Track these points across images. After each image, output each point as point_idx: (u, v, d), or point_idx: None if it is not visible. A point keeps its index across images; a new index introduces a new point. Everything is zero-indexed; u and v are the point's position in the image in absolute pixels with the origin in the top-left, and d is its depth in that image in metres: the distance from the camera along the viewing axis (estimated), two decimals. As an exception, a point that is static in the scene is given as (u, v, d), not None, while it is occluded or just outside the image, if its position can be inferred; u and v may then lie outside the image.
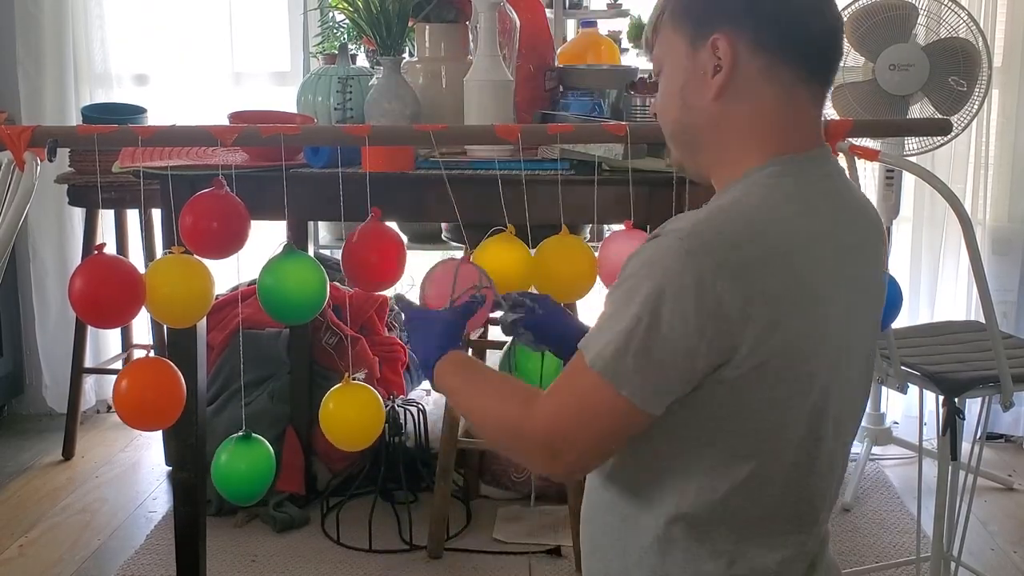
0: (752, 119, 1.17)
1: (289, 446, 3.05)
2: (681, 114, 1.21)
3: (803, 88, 1.17)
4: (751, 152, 1.17)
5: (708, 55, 1.16)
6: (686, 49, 1.19)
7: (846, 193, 1.22)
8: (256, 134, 1.79)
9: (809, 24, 1.17)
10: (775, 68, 1.16)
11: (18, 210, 1.84)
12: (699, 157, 1.23)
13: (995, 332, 2.14)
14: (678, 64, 1.20)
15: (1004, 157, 3.49)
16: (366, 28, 2.26)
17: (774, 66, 1.16)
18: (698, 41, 1.17)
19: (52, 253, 3.78)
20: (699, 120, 1.20)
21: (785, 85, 1.16)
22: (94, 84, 3.73)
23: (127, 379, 1.78)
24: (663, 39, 1.23)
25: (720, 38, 1.15)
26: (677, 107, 1.22)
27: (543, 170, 2.08)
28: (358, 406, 1.80)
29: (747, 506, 1.16)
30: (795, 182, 1.16)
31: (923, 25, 3.04)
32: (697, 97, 1.19)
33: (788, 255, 1.10)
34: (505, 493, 3.11)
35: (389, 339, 3.34)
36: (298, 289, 1.77)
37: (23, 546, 2.93)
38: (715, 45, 1.16)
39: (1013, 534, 2.98)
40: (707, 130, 1.20)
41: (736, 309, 1.07)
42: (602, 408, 1.11)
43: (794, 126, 1.18)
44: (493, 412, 1.23)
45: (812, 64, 1.17)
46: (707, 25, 1.17)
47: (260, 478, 1.82)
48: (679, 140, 1.25)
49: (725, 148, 1.19)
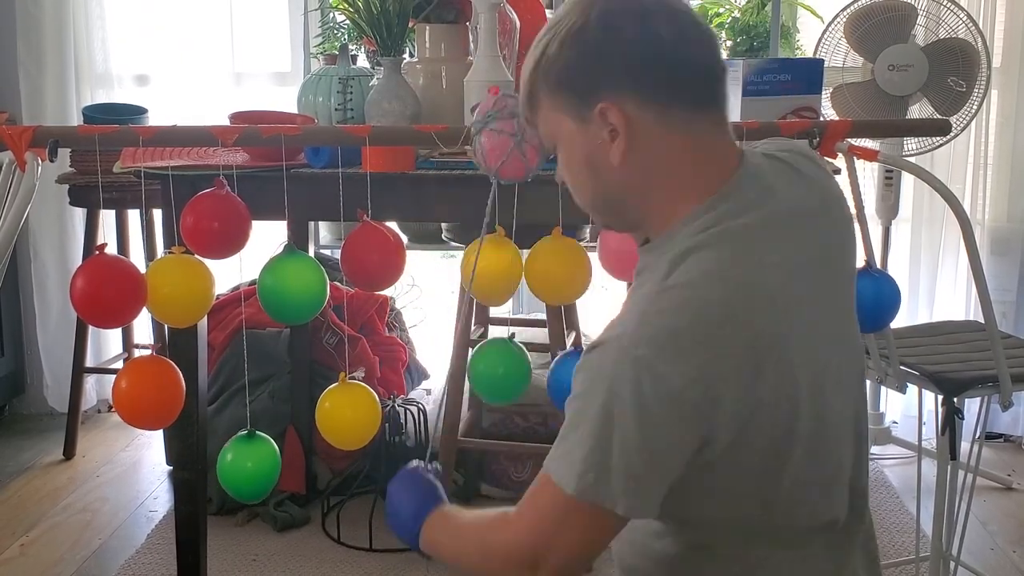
0: (665, 169, 1.15)
1: (290, 446, 3.06)
2: (595, 185, 1.19)
3: (700, 120, 1.15)
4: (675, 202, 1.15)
5: (598, 125, 1.14)
6: (574, 124, 1.16)
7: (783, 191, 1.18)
8: (257, 134, 1.80)
9: (683, 61, 1.13)
10: (667, 115, 1.13)
11: (19, 210, 1.85)
12: (624, 218, 1.22)
13: (994, 332, 2.14)
14: (572, 139, 1.17)
15: (1003, 157, 3.49)
16: (366, 29, 2.26)
17: (665, 113, 1.13)
18: (584, 113, 1.14)
19: (53, 253, 3.78)
20: (614, 185, 1.17)
21: (682, 125, 1.14)
22: (95, 84, 3.73)
23: (127, 378, 1.79)
24: (545, 117, 1.20)
25: (607, 107, 1.12)
26: (587, 178, 1.19)
27: (542, 170, 2.08)
28: (354, 405, 1.81)
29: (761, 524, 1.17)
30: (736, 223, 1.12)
31: (922, 26, 3.05)
32: (604, 165, 1.16)
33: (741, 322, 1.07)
34: (505, 493, 3.12)
35: (389, 339, 3.34)
36: (298, 289, 1.77)
37: (24, 545, 2.94)
38: (603, 114, 1.13)
39: (1012, 534, 2.98)
40: (625, 192, 1.18)
41: (700, 395, 1.04)
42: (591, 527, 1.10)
43: (708, 159, 1.16)
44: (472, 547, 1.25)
45: (700, 95, 1.15)
46: (587, 96, 1.14)
47: (266, 476, 1.83)
48: (600, 208, 1.22)
49: (647, 202, 1.17)
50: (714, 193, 1.14)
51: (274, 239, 2.78)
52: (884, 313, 1.91)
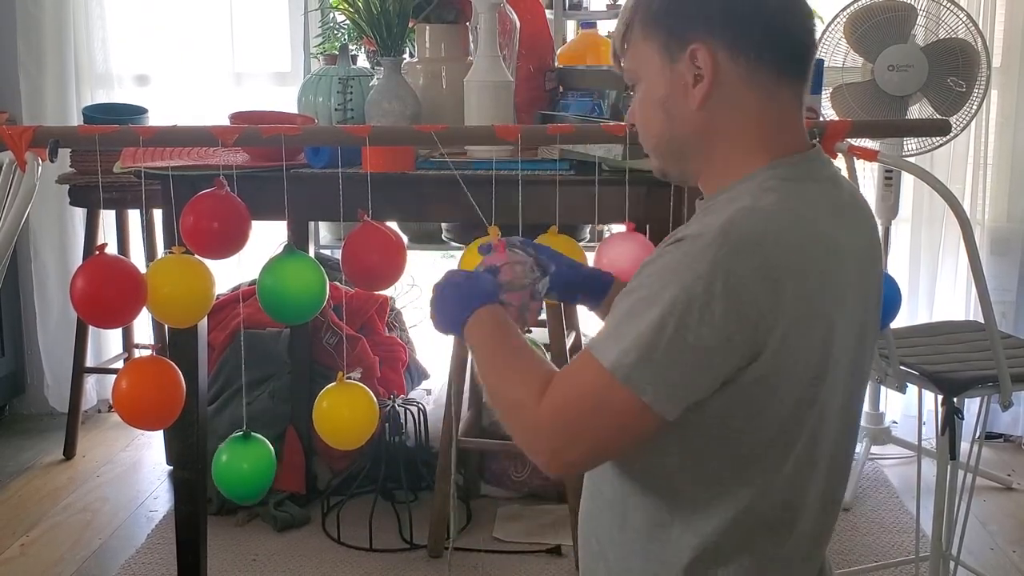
0: (739, 123, 1.17)
1: (290, 445, 3.06)
2: (665, 126, 1.20)
3: (785, 87, 1.17)
4: (743, 154, 1.17)
5: (687, 65, 1.15)
6: (662, 61, 1.17)
7: (848, 193, 1.22)
8: (257, 134, 1.80)
9: (786, 24, 1.16)
10: (756, 72, 1.15)
11: (19, 210, 1.85)
12: (686, 165, 1.23)
13: (994, 332, 2.14)
14: (655, 76, 1.19)
15: (1003, 157, 3.49)
16: (366, 29, 2.26)
17: (755, 70, 1.15)
18: (675, 52, 1.16)
19: (53, 253, 3.78)
20: (684, 130, 1.19)
21: (767, 87, 1.16)
22: (95, 84, 3.74)
23: (126, 378, 1.79)
24: (635, 52, 1.21)
25: (698, 48, 1.14)
26: (660, 120, 1.20)
27: (543, 170, 2.09)
28: (352, 405, 1.80)
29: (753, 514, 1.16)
30: (806, 185, 1.15)
31: (922, 26, 3.05)
32: (680, 108, 1.17)
33: (814, 259, 1.10)
34: (505, 493, 3.12)
35: (389, 339, 3.34)
36: (298, 289, 1.77)
37: (24, 545, 2.94)
38: (693, 55, 1.14)
39: (1012, 534, 2.98)
40: (693, 139, 1.19)
41: (766, 313, 1.06)
42: (616, 412, 1.09)
43: (781, 126, 1.18)
44: (506, 392, 1.20)
45: (790, 63, 1.17)
46: (683, 35, 1.15)
47: (261, 477, 1.82)
48: (664, 151, 1.23)
49: (713, 154, 1.19)
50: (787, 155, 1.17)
51: (274, 239, 2.78)
52: (884, 313, 1.90)
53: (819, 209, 1.14)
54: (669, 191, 1.90)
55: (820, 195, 1.16)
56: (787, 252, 1.08)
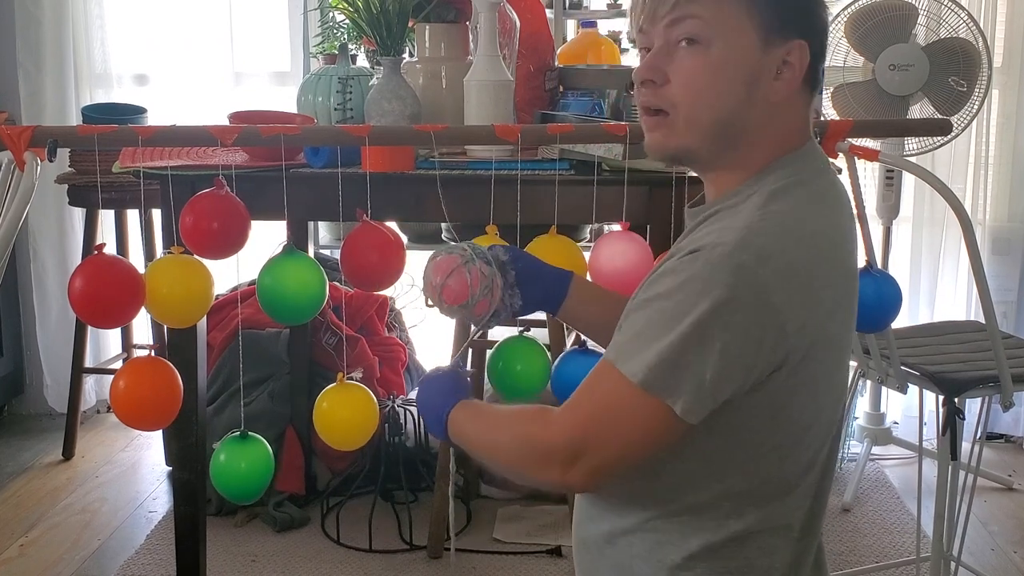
0: (788, 124, 1.17)
1: (289, 446, 3.05)
2: (736, 104, 1.13)
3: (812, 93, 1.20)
4: (769, 147, 1.16)
5: (779, 56, 1.13)
6: (755, 41, 1.12)
7: (839, 184, 1.23)
8: (256, 134, 1.79)
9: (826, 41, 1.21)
10: (812, 78, 1.17)
11: (18, 210, 1.84)
12: (725, 152, 1.16)
13: (995, 332, 2.14)
14: (743, 53, 1.12)
15: (1004, 157, 3.49)
16: (366, 28, 2.26)
17: (812, 76, 1.17)
18: (774, 38, 1.12)
19: (52, 253, 3.78)
20: (755, 118, 1.14)
21: (810, 95, 1.18)
22: (94, 84, 3.73)
23: (125, 379, 1.78)
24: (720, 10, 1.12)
25: (802, 45, 1.13)
26: (736, 96, 1.13)
27: (543, 170, 2.08)
28: (352, 405, 1.80)
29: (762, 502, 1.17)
30: (811, 181, 1.16)
31: (923, 25, 3.04)
32: (760, 93, 1.13)
33: (831, 256, 1.12)
34: (505, 493, 3.11)
35: (389, 339, 3.34)
36: (297, 289, 1.77)
37: (23, 546, 2.94)
38: (791, 51, 1.13)
39: (1013, 534, 2.98)
40: (754, 129, 1.15)
41: (793, 319, 1.07)
42: (643, 420, 1.09)
43: (803, 123, 1.20)
44: (507, 436, 1.20)
45: (820, 73, 1.19)
46: (791, 27, 1.13)
47: (259, 477, 1.82)
48: (715, 129, 1.14)
49: (754, 148, 1.16)
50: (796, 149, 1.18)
51: (273, 239, 2.77)
52: (885, 313, 1.91)
53: (826, 202, 1.16)
54: (670, 191, 1.89)
55: (823, 188, 1.17)
56: (808, 253, 1.09)
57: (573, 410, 1.13)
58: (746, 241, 1.06)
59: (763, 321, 1.06)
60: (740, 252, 1.06)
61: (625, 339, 1.11)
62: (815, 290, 1.09)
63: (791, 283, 1.06)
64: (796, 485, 1.18)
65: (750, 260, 1.05)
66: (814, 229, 1.11)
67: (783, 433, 1.14)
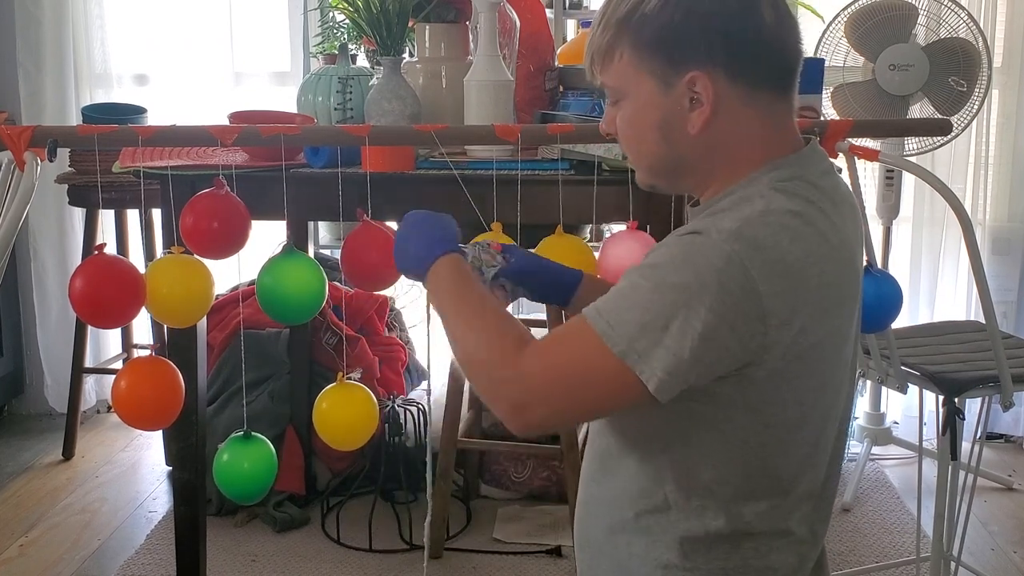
0: (738, 139, 1.16)
1: (289, 446, 3.05)
2: (662, 148, 1.18)
3: (780, 103, 1.18)
4: (745, 163, 1.17)
5: (683, 91, 1.14)
6: (656, 86, 1.15)
7: (843, 186, 1.23)
8: (256, 134, 1.80)
9: (781, 43, 1.16)
10: (754, 91, 1.15)
11: (18, 210, 1.84)
12: (680, 181, 1.22)
13: (995, 332, 2.14)
14: (648, 100, 1.16)
15: (1004, 157, 3.49)
16: (366, 28, 2.26)
17: (753, 90, 1.15)
18: (671, 78, 1.14)
19: (52, 253, 3.78)
20: (682, 152, 1.18)
21: (765, 102, 1.16)
22: (94, 84, 3.73)
23: (126, 379, 1.78)
24: (621, 71, 1.17)
25: (698, 76, 1.12)
26: (655, 141, 1.18)
27: (543, 170, 2.08)
28: (352, 405, 1.80)
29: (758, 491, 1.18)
30: (810, 182, 1.16)
31: (923, 25, 3.04)
32: (678, 132, 1.16)
33: (826, 255, 1.12)
34: (505, 493, 3.11)
35: (389, 339, 3.34)
36: (297, 289, 1.77)
37: (23, 546, 2.94)
38: (692, 83, 1.13)
39: (1013, 534, 2.98)
40: (692, 159, 1.18)
41: (776, 313, 1.07)
42: (605, 381, 1.09)
43: (778, 130, 1.19)
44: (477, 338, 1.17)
45: (785, 77, 1.18)
46: (680, 63, 1.13)
47: (262, 477, 1.82)
48: (659, 170, 1.21)
49: (712, 168, 1.18)
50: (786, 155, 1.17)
51: (273, 239, 2.78)
52: (886, 313, 1.91)
53: (824, 204, 1.15)
54: (670, 191, 1.90)
55: (822, 190, 1.17)
56: (804, 251, 1.09)
57: (542, 356, 1.12)
58: (743, 231, 1.08)
59: (745, 308, 1.06)
60: (735, 240, 1.07)
61: (606, 298, 1.12)
62: (807, 289, 1.09)
63: (781, 277, 1.07)
64: (791, 487, 1.18)
65: (743, 249, 1.06)
66: (814, 228, 1.11)
67: (768, 432, 1.15)
